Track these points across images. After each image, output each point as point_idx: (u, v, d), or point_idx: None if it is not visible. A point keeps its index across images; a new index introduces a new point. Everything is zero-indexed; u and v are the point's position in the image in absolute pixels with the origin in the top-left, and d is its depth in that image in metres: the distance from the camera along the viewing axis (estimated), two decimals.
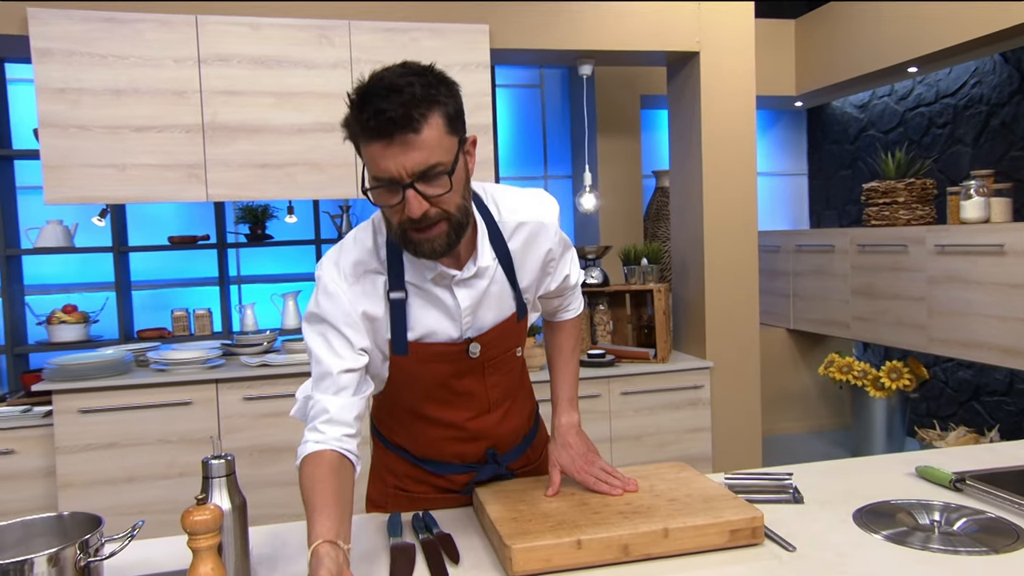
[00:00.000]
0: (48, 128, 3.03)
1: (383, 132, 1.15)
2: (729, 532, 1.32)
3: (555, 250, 1.49)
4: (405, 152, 1.16)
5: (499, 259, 1.41)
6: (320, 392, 1.31)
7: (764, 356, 4.95)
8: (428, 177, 1.19)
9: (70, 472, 3.02)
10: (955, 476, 1.59)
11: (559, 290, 1.60)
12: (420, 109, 1.16)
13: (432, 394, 1.46)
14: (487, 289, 1.41)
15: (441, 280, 1.36)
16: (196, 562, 1.10)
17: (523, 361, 1.61)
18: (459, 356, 1.42)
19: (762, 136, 5.54)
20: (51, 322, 4.04)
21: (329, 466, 1.25)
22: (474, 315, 1.41)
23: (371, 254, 1.36)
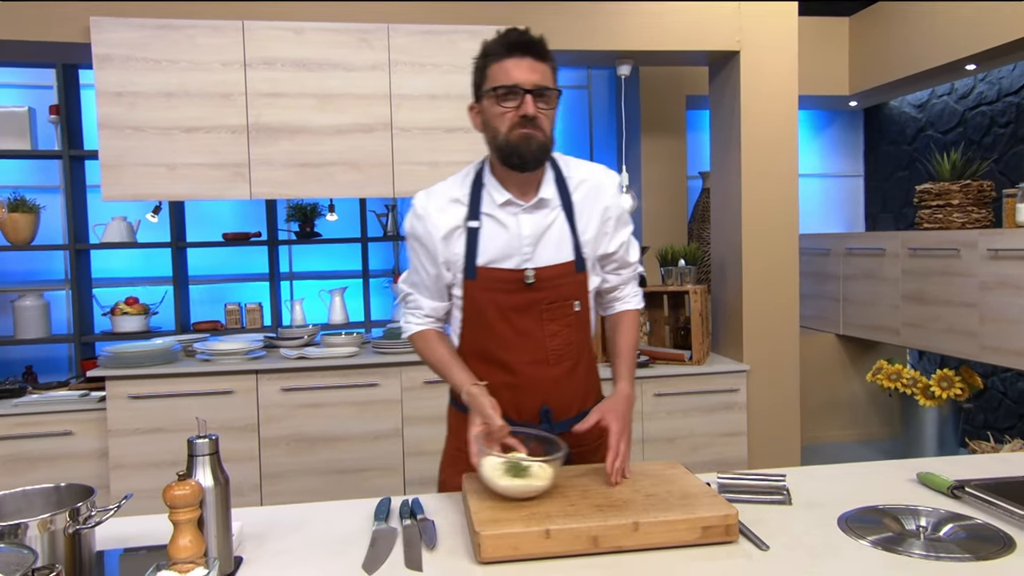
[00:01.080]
0: (106, 129, 3.21)
1: (522, 48, 1.55)
2: (701, 529, 1.33)
3: (612, 209, 1.70)
4: (532, 69, 1.55)
5: (563, 205, 1.65)
6: (417, 292, 1.72)
7: (812, 362, 4.85)
8: (542, 94, 1.55)
9: (121, 454, 3.20)
10: (954, 483, 1.55)
11: (619, 262, 1.74)
12: (547, 50, 1.59)
13: (496, 331, 1.64)
14: (549, 226, 1.63)
15: (509, 207, 1.62)
16: (176, 535, 1.18)
17: (587, 327, 1.71)
18: (517, 284, 1.61)
19: (816, 137, 5.42)
20: (114, 313, 4.27)
21: (437, 337, 1.71)
22: (534, 247, 1.62)
23: (457, 188, 1.67)
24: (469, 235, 1.62)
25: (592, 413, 1.62)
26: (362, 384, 3.32)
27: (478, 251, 1.62)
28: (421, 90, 3.38)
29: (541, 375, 1.65)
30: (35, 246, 4.19)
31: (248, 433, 3.27)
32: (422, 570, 1.27)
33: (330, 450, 3.32)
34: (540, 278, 1.61)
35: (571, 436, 1.66)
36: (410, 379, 3.36)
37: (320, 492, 3.30)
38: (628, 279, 1.79)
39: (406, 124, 3.38)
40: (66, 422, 3.24)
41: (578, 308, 1.66)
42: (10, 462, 3.17)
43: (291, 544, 1.40)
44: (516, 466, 1.41)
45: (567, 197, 1.66)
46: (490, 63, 1.58)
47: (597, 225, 1.67)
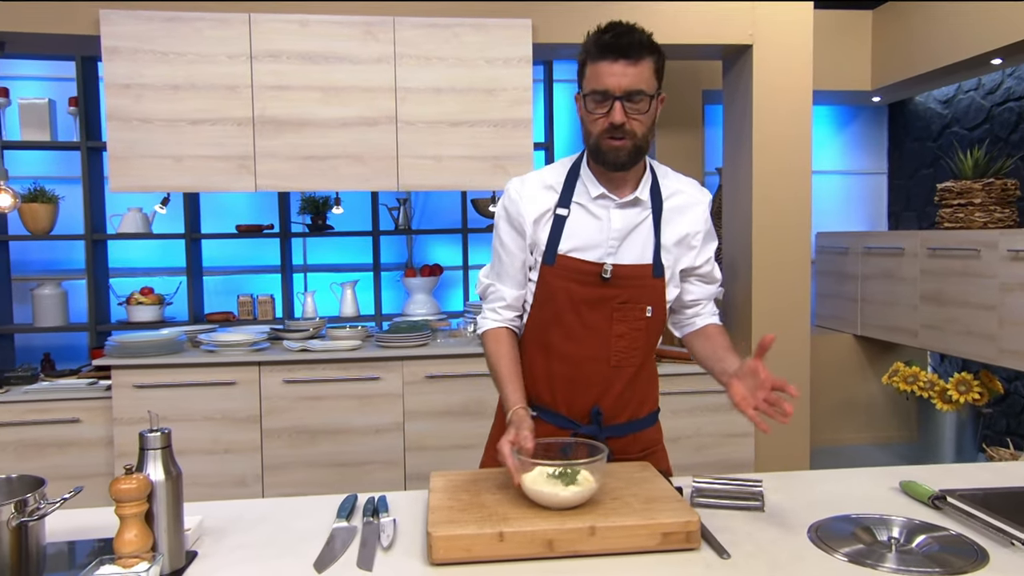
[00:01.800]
0: (114, 121, 3.25)
1: (615, 50, 1.50)
2: (661, 535, 1.30)
3: (699, 227, 1.69)
4: (625, 73, 1.50)
5: (652, 208, 1.64)
6: (500, 282, 1.72)
7: (829, 362, 4.76)
8: (634, 97, 1.51)
9: (126, 442, 3.24)
10: (936, 493, 1.50)
11: (705, 277, 1.74)
12: (644, 47, 1.52)
13: (564, 320, 1.64)
14: (637, 225, 1.63)
15: (603, 200, 1.63)
16: (122, 528, 1.18)
17: (655, 335, 1.70)
18: (594, 277, 1.61)
19: (838, 133, 5.30)
20: (130, 303, 4.32)
21: (509, 343, 1.69)
22: (620, 242, 1.62)
23: (552, 176, 1.68)
24: (555, 221, 1.63)
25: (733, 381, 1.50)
26: (363, 378, 3.32)
27: (562, 238, 1.63)
28: (426, 83, 3.36)
29: (600, 374, 1.65)
30: (54, 235, 4.26)
31: (251, 424, 3.29)
32: (372, 570, 1.25)
33: (332, 443, 3.32)
34: (617, 275, 1.61)
35: (619, 443, 1.69)
36: (411, 373, 3.35)
37: (321, 484, 3.31)
38: (710, 295, 1.78)
39: (411, 117, 3.36)
40: (74, 409, 3.29)
41: (650, 314, 1.64)
42: (21, 448, 3.23)
43: (250, 539, 1.40)
44: (563, 474, 1.35)
45: (659, 203, 1.66)
46: (587, 61, 1.56)
47: (680, 237, 1.67)
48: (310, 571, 1.25)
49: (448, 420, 3.38)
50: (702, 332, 1.77)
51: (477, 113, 3.37)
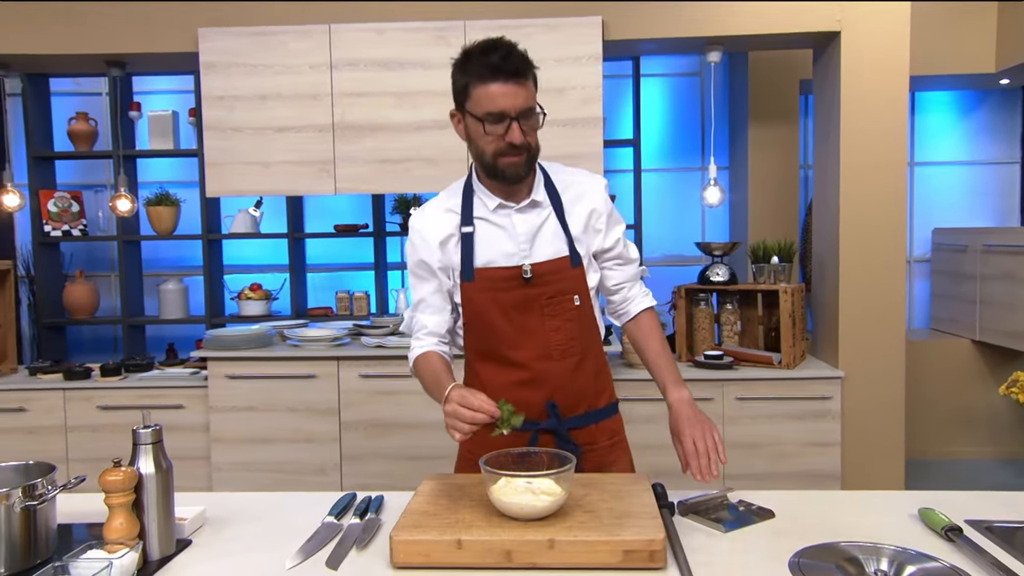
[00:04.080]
0: (210, 131, 3.50)
1: (506, 73, 1.55)
2: (623, 552, 1.28)
3: (600, 210, 1.74)
4: (517, 93, 1.56)
5: (553, 206, 1.70)
6: (419, 312, 1.77)
7: (943, 370, 4.42)
8: (527, 115, 1.58)
9: (220, 428, 3.49)
10: (950, 524, 1.38)
11: (619, 258, 1.78)
12: (528, 65, 1.59)
13: (498, 328, 1.68)
14: (542, 225, 1.69)
15: (502, 209, 1.68)
16: (110, 516, 1.30)
17: (591, 323, 1.74)
18: (515, 281, 1.66)
19: (962, 120, 4.88)
20: (240, 298, 4.65)
21: (438, 359, 1.71)
22: (531, 244, 1.68)
23: (448, 200, 1.74)
24: (464, 239, 1.69)
25: (676, 445, 1.62)
26: None
27: (474, 253, 1.68)
28: None
29: (548, 370, 1.68)
30: (176, 236, 4.65)
31: (330, 416, 3.46)
32: (337, 569, 1.31)
33: (404, 436, 3.44)
34: (537, 273, 1.66)
35: (582, 434, 1.72)
36: None
37: (396, 476, 3.43)
38: (632, 276, 1.81)
39: None
40: (179, 397, 3.58)
41: (578, 303, 1.69)
42: None
43: (246, 531, 1.49)
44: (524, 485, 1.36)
45: (557, 198, 1.72)
46: (473, 83, 1.60)
47: (584, 221, 1.71)
48: (283, 565, 1.33)
49: None
50: (636, 322, 1.83)
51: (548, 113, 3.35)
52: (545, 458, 1.46)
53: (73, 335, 5.10)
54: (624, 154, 4.69)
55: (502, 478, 1.38)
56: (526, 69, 1.58)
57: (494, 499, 1.36)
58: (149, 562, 1.33)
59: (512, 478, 1.38)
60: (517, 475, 1.37)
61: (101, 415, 3.55)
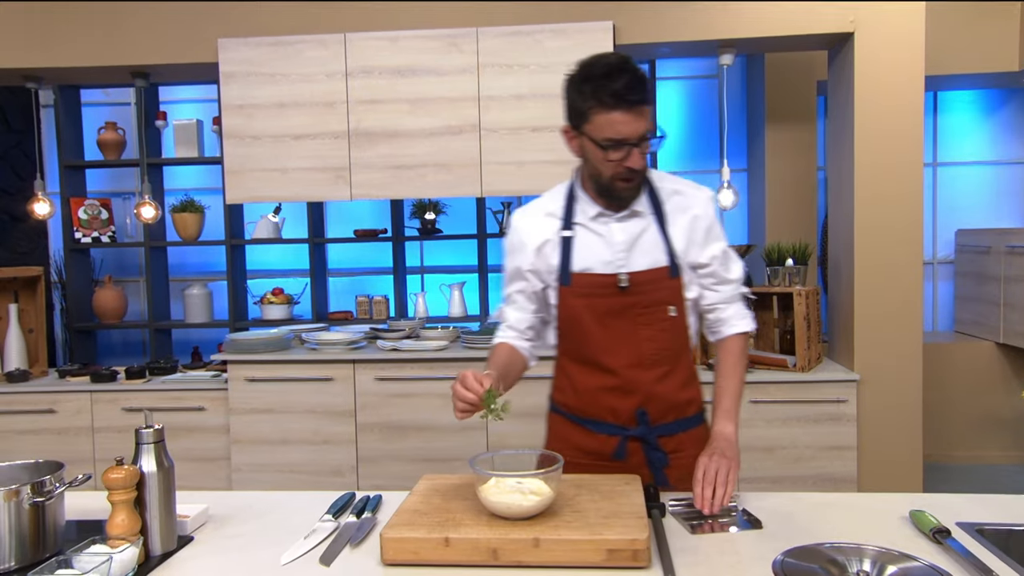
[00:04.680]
0: (230, 139, 3.58)
1: (627, 102, 1.52)
2: (606, 551, 1.30)
3: (702, 220, 1.72)
4: (639, 120, 1.55)
5: (655, 214, 1.70)
6: (506, 306, 1.82)
7: (967, 372, 4.36)
8: (645, 141, 1.57)
9: (240, 430, 3.57)
10: (938, 526, 1.38)
11: (714, 277, 1.74)
12: (647, 86, 1.56)
13: (592, 335, 1.69)
14: (641, 234, 1.69)
15: (601, 217, 1.69)
16: (112, 513, 1.35)
17: (684, 334, 1.75)
18: (611, 288, 1.66)
19: (986, 119, 4.81)
20: (263, 302, 4.74)
21: (506, 350, 1.78)
22: (628, 253, 1.68)
23: (551, 203, 1.76)
24: (563, 244, 1.71)
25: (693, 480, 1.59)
26: (449, 377, 3.43)
27: (572, 258, 1.70)
28: (508, 91, 3.43)
29: (638, 378, 1.69)
30: (201, 241, 4.75)
31: (346, 418, 3.52)
32: (329, 566, 1.35)
33: (420, 439, 3.49)
34: (634, 282, 1.67)
35: (670, 442, 1.73)
36: None
37: (410, 478, 3.45)
38: (729, 298, 1.77)
39: (494, 125, 3.45)
40: (200, 399, 3.66)
41: (673, 313, 1.69)
42: None
43: (248, 529, 1.54)
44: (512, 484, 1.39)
45: (659, 207, 1.71)
46: (595, 108, 1.56)
47: (686, 233, 1.70)
48: (279, 562, 1.37)
49: (529, 421, 3.42)
50: (722, 344, 1.80)
51: (558, 118, 3.36)
52: (535, 459, 1.49)
53: (104, 339, 5.23)
54: None
55: (492, 478, 1.41)
56: (648, 95, 1.56)
57: (482, 498, 1.39)
58: (151, 557, 1.38)
59: (502, 478, 1.41)
60: (504, 475, 1.40)
61: (126, 416, 3.64)
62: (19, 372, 3.77)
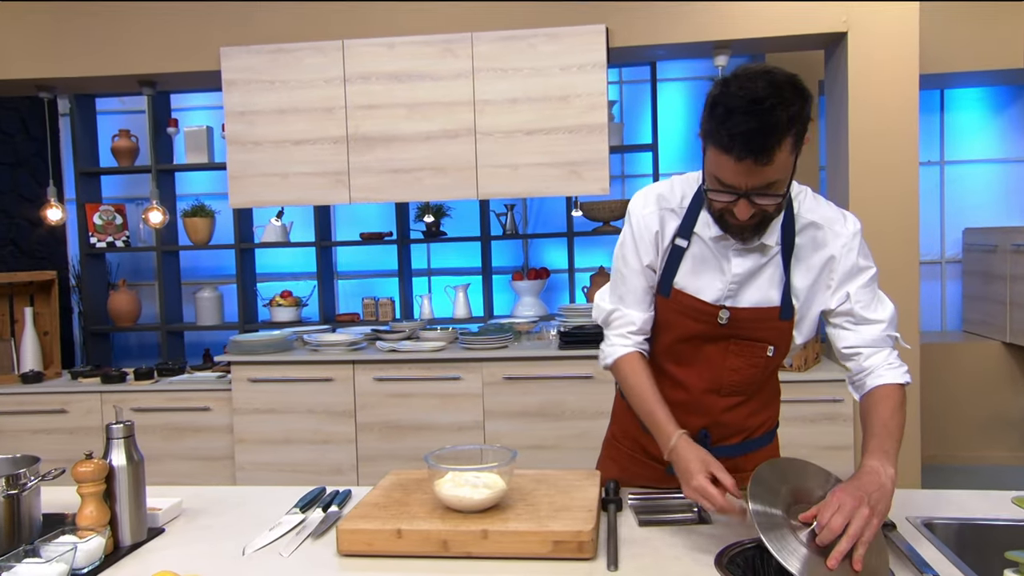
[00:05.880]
0: (233, 145, 3.67)
1: (738, 152, 1.27)
2: (552, 543, 1.34)
3: (838, 260, 1.49)
4: (752, 174, 1.30)
5: (783, 245, 1.48)
6: (625, 306, 1.59)
7: (974, 372, 4.32)
8: (764, 192, 1.34)
9: (243, 429, 3.64)
10: (887, 522, 1.40)
11: (851, 316, 1.50)
12: (777, 137, 1.26)
13: (676, 349, 1.58)
14: (761, 269, 1.50)
15: (721, 241, 1.49)
16: (82, 505, 1.41)
17: (774, 368, 1.61)
18: (709, 318, 1.51)
19: (995, 117, 4.76)
20: (272, 304, 4.83)
21: (644, 367, 1.57)
22: (740, 286, 1.50)
23: (676, 197, 1.55)
24: (673, 251, 1.54)
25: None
26: (445, 377, 3.50)
27: (679, 271, 1.54)
28: (503, 95, 3.48)
29: (711, 403, 1.58)
30: (211, 245, 4.86)
31: (346, 418, 3.58)
32: (288, 556, 1.40)
33: (418, 438, 3.54)
34: (735, 319, 1.51)
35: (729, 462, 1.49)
36: (491, 374, 3.48)
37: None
38: (871, 342, 1.49)
39: (489, 128, 3.50)
40: (206, 399, 3.74)
41: (771, 354, 1.53)
42: (166, 430, 3.73)
43: (218, 522, 1.59)
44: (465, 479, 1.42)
45: (790, 238, 1.49)
46: (710, 142, 1.34)
47: (815, 276, 1.50)
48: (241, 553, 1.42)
49: (526, 421, 3.48)
50: (871, 396, 1.48)
51: (552, 121, 3.44)
52: (488, 453, 1.53)
53: (121, 341, 5.36)
54: (643, 159, 4.71)
55: (449, 472, 1.45)
56: (769, 148, 1.26)
57: (436, 492, 1.43)
58: (121, 547, 1.44)
59: (459, 472, 1.45)
60: (455, 468, 1.44)
61: (134, 417, 3.71)
62: (33, 373, 3.88)
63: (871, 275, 1.50)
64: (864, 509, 1.22)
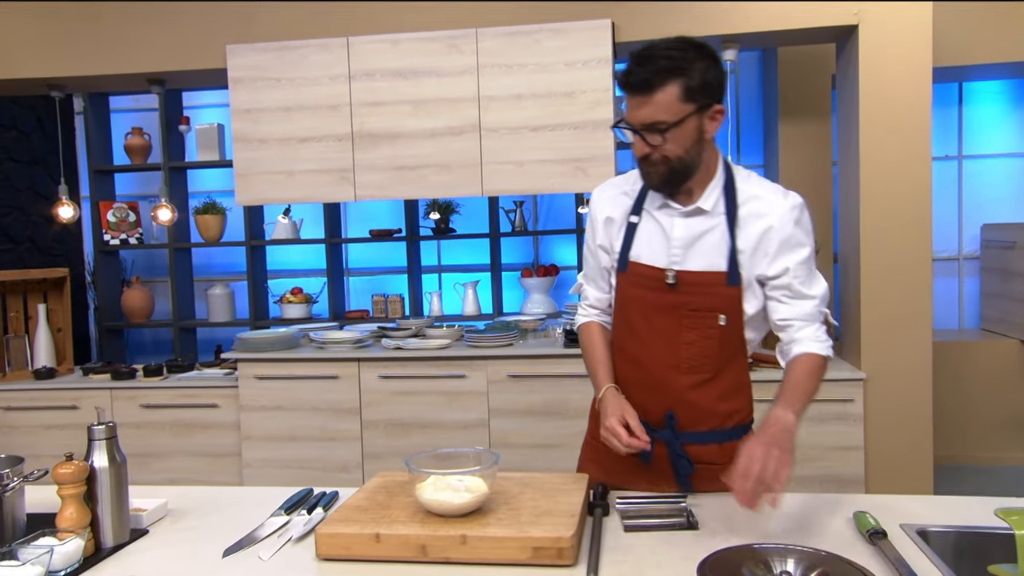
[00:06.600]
0: (239, 143, 3.67)
1: (628, 85, 1.52)
2: (531, 549, 1.31)
3: (776, 230, 1.59)
4: (639, 107, 1.52)
5: (727, 215, 1.61)
6: (587, 283, 1.83)
7: (991, 371, 4.23)
8: (650, 129, 1.52)
9: (250, 426, 3.65)
10: (874, 528, 1.37)
11: (787, 290, 1.60)
12: (660, 78, 1.49)
13: (634, 324, 1.67)
14: (704, 234, 1.61)
15: (666, 209, 1.65)
16: (63, 506, 1.41)
17: (735, 345, 1.64)
18: (660, 284, 1.62)
19: (1014, 110, 4.65)
20: (282, 301, 4.85)
21: (598, 333, 1.79)
22: (684, 251, 1.62)
23: (629, 182, 1.73)
24: (628, 228, 1.69)
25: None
26: (450, 375, 3.49)
27: (632, 244, 1.68)
28: (507, 91, 3.45)
29: (671, 380, 1.64)
30: (223, 242, 4.88)
31: (352, 415, 3.58)
32: (268, 559, 1.39)
33: (423, 435, 3.53)
34: (682, 282, 1.61)
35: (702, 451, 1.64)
36: (495, 372, 3.46)
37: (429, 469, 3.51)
38: (804, 315, 1.60)
39: (493, 125, 3.47)
40: (214, 396, 3.76)
41: (723, 322, 1.60)
42: (175, 427, 3.75)
43: (204, 523, 1.59)
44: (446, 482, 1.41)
45: (733, 208, 1.61)
46: None
47: (755, 242, 1.60)
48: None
49: (531, 419, 3.45)
50: (793, 362, 1.60)
51: (557, 117, 3.41)
52: (471, 456, 1.51)
53: (135, 337, 5.41)
54: None
55: (431, 476, 1.43)
56: (656, 80, 1.48)
57: (418, 496, 1.42)
58: (102, 548, 1.44)
59: (439, 476, 1.43)
60: (435, 472, 1.42)
61: (144, 413, 3.76)
62: (46, 370, 3.92)
63: (808, 252, 1.62)
64: (774, 451, 1.40)
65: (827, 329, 1.64)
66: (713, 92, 1.53)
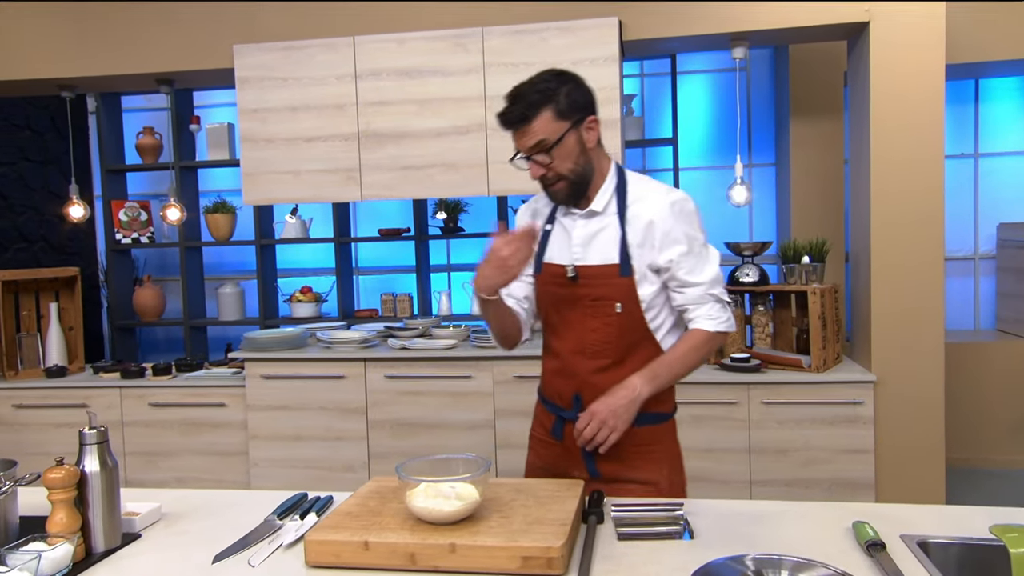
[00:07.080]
0: (246, 142, 3.67)
1: (509, 125, 1.72)
2: (521, 558, 1.30)
3: (658, 224, 1.76)
4: (522, 137, 1.72)
5: (619, 214, 1.78)
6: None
7: (1008, 373, 4.17)
8: (536, 150, 1.72)
9: (257, 426, 3.66)
10: (872, 539, 1.34)
11: (678, 280, 1.78)
12: (533, 109, 1.69)
13: (552, 320, 1.86)
14: (599, 232, 1.80)
15: (569, 215, 1.84)
16: (53, 511, 1.41)
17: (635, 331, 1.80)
18: (563, 279, 1.80)
19: None
20: (292, 300, 4.85)
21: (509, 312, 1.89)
22: (584, 249, 1.80)
23: (539, 200, 1.93)
24: (544, 236, 1.88)
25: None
26: (457, 376, 3.48)
27: (546, 250, 1.86)
28: None
29: (578, 365, 1.82)
30: (232, 241, 4.89)
31: (358, 415, 3.57)
32: (256, 566, 1.38)
33: (429, 436, 3.52)
34: (582, 275, 1.79)
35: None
36: (502, 373, 3.45)
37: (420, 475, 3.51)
38: (696, 300, 1.80)
39: None
40: (221, 395, 3.76)
41: (619, 310, 1.77)
42: (183, 425, 3.76)
43: (197, 527, 1.58)
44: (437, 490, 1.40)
45: (623, 208, 1.80)
46: None
47: (641, 236, 1.77)
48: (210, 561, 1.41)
49: None
50: (681, 336, 1.85)
51: None
52: (462, 464, 1.49)
53: (147, 336, 5.44)
54: (664, 153, 4.62)
55: (422, 483, 1.42)
56: (527, 113, 1.68)
57: (407, 504, 1.40)
58: (93, 553, 1.44)
59: (429, 483, 1.41)
60: (424, 480, 1.41)
61: (153, 411, 3.78)
62: (57, 368, 3.95)
63: (688, 246, 1.77)
64: (611, 421, 1.68)
65: (723, 307, 1.82)
66: (581, 108, 1.73)
